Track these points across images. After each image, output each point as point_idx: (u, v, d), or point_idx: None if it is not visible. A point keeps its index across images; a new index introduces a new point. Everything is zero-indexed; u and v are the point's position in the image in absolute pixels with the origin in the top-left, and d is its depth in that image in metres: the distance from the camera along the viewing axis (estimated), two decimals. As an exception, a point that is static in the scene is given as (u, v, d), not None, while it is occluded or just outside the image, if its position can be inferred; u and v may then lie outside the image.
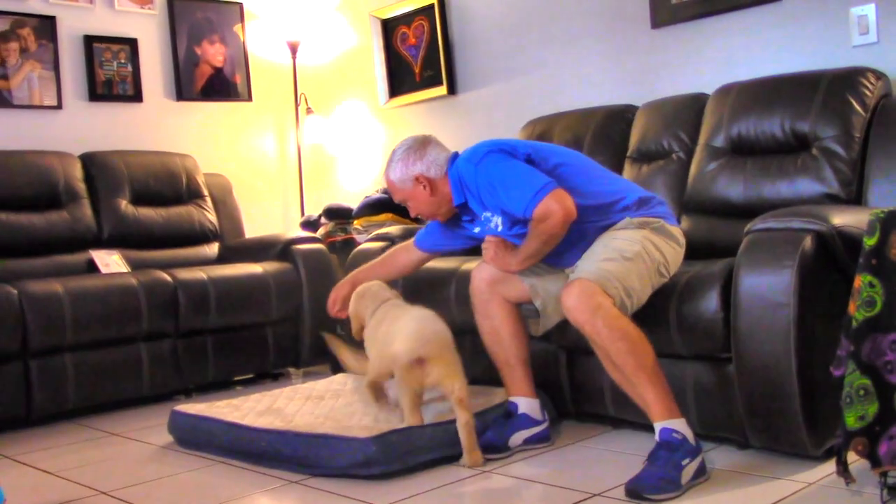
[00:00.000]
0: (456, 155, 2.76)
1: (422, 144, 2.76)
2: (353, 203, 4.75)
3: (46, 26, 4.44)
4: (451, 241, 2.96)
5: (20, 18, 4.37)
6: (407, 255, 3.08)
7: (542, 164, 2.57)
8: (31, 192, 4.05)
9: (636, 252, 2.46)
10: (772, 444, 2.43)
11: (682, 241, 2.64)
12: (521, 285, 2.71)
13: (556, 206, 2.43)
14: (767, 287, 2.30)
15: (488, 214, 2.67)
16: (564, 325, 2.74)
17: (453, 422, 2.65)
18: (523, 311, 2.79)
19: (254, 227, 4.97)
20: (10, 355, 3.36)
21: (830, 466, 2.23)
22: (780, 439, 2.38)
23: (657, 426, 2.30)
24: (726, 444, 2.58)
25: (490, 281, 2.74)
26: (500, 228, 2.66)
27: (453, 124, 4.59)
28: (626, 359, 2.31)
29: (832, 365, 2.08)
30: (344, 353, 3.38)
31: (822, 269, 2.32)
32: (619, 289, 2.38)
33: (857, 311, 2.01)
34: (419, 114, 4.84)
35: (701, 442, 2.34)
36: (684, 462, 2.23)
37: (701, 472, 2.28)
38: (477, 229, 2.79)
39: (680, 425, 2.30)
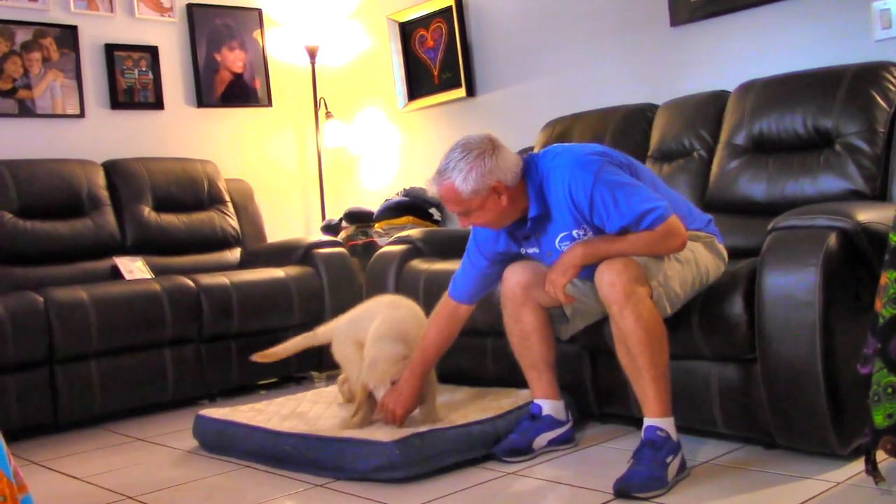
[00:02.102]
0: (530, 158, 2.50)
1: (494, 146, 2.41)
2: (373, 205, 4.76)
3: (68, 36, 4.49)
4: (495, 277, 2.70)
5: (42, 28, 4.41)
6: (452, 319, 2.72)
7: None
8: (56, 200, 4.09)
9: (686, 258, 2.46)
10: (798, 443, 2.40)
11: (726, 260, 2.61)
12: (570, 281, 2.55)
13: (683, 230, 2.38)
14: (792, 286, 2.28)
15: (577, 233, 2.44)
16: (589, 328, 2.73)
17: (476, 424, 2.66)
18: (551, 314, 2.76)
19: (275, 232, 4.99)
20: (36, 362, 3.39)
21: (858, 465, 2.21)
22: (807, 438, 2.36)
23: (646, 422, 2.33)
24: (752, 443, 2.56)
25: (525, 285, 2.64)
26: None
27: (473, 126, 4.58)
28: (642, 350, 2.30)
29: (859, 363, 2.06)
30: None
31: (847, 266, 2.30)
32: (660, 284, 2.37)
33: (883, 308, 1.98)
34: (438, 116, 4.84)
35: (680, 438, 2.35)
36: (668, 459, 2.26)
37: (682, 467, 2.31)
38: (533, 249, 2.58)
39: (666, 424, 2.32)
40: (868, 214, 2.34)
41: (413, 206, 4.57)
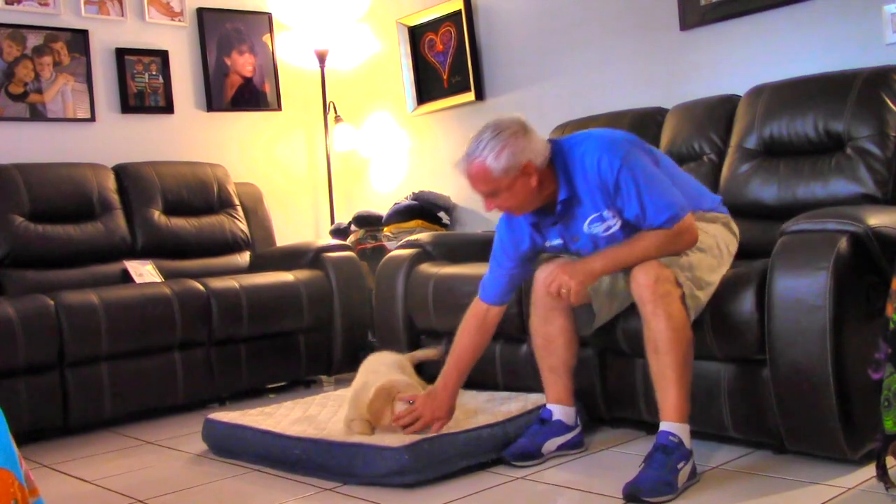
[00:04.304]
0: (556, 143, 2.50)
1: (526, 127, 2.42)
2: (383, 209, 4.77)
3: (79, 40, 4.51)
4: (521, 276, 2.70)
5: (53, 33, 4.43)
6: (483, 325, 2.69)
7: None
8: (67, 204, 4.10)
9: (709, 245, 2.48)
10: (808, 448, 2.40)
11: (738, 236, 2.67)
12: (584, 289, 2.58)
13: (695, 228, 2.41)
14: (802, 289, 2.27)
15: (607, 213, 2.45)
16: (600, 329, 2.73)
17: (485, 428, 2.66)
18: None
19: (284, 236, 5.00)
20: (47, 365, 3.39)
21: (869, 471, 2.20)
22: (817, 443, 2.35)
23: (661, 426, 2.33)
24: (762, 448, 2.56)
25: None
26: (612, 231, 2.47)
27: (482, 130, 4.58)
28: (670, 348, 2.31)
29: (870, 368, 2.05)
30: None
31: (858, 270, 2.29)
32: (690, 280, 2.39)
33: (895, 314, 1.98)
34: (447, 120, 4.84)
35: (693, 444, 2.34)
36: (679, 465, 2.26)
37: (693, 474, 2.31)
38: (557, 241, 2.57)
39: (680, 430, 2.31)
40: (879, 218, 2.33)
41: (422, 209, 4.58)
